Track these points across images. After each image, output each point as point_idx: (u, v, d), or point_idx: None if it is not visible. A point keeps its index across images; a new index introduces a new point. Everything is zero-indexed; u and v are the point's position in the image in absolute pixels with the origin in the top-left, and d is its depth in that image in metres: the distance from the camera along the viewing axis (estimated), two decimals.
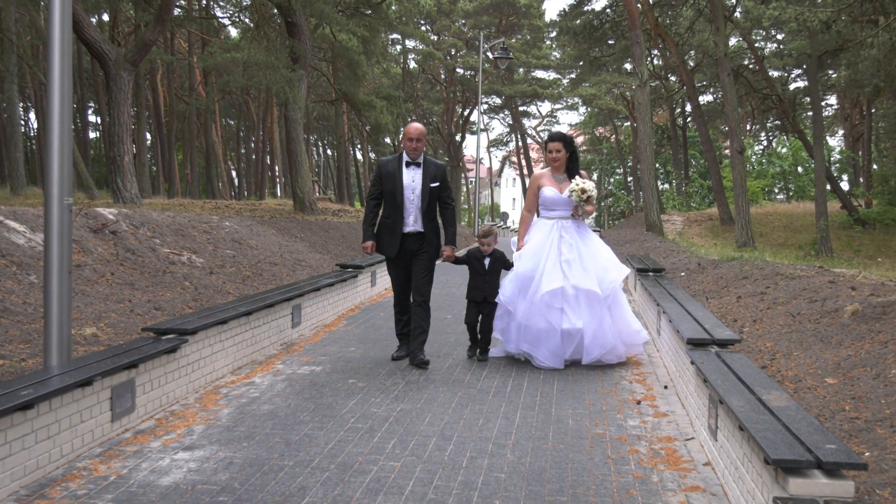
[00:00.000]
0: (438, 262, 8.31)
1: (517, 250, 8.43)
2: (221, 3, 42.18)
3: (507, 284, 8.32)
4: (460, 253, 8.60)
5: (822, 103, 44.37)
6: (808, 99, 38.18)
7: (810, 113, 37.46)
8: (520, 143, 69.62)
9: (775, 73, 44.76)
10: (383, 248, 8.10)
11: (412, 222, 7.99)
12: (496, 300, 8.35)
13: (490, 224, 8.74)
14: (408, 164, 7.96)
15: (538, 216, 8.59)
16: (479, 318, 8.41)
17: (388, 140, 46.83)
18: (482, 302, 8.31)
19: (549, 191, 8.33)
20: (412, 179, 7.95)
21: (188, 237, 12.58)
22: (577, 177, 8.18)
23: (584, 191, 8.02)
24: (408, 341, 8.27)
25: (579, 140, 65.40)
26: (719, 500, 4.66)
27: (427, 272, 8.14)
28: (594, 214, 8.86)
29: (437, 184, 8.03)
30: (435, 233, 8.15)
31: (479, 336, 8.48)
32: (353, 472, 5.03)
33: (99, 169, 47.07)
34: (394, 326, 8.64)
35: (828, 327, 7.54)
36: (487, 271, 8.33)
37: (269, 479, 4.87)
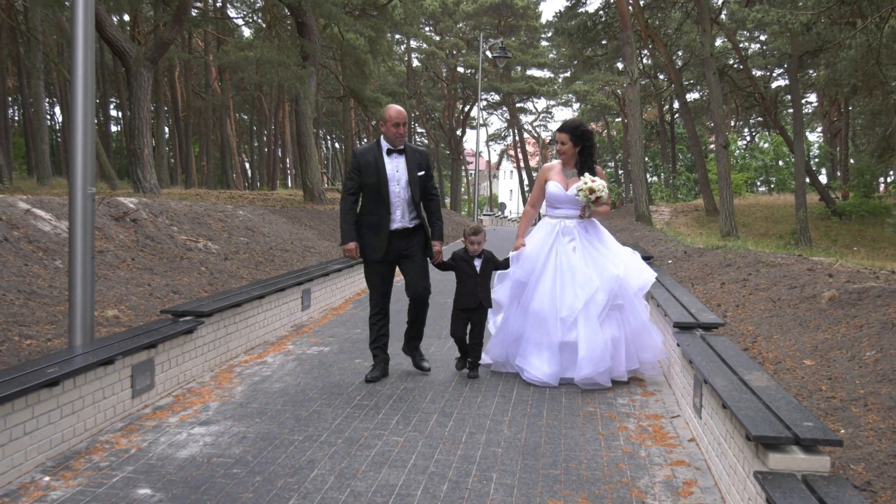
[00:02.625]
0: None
1: (514, 250, 7.14)
2: (236, 4, 42.02)
3: (500, 287, 7.19)
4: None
5: (802, 101, 44.29)
6: (789, 97, 38.12)
7: (791, 110, 37.38)
8: (517, 138, 69.51)
9: (758, 73, 44.61)
10: (367, 249, 6.68)
11: (400, 217, 6.64)
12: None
13: (478, 222, 6.98)
14: (389, 153, 6.61)
15: (545, 213, 7.31)
16: (469, 328, 6.98)
17: None
18: (475, 309, 6.90)
19: (553, 186, 6.97)
20: (396, 169, 6.60)
21: (204, 225, 12.57)
22: (585, 174, 6.83)
23: (592, 191, 6.70)
24: (385, 356, 6.92)
25: None
26: (703, 474, 4.66)
27: (423, 269, 6.83)
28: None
29: (422, 172, 6.73)
30: (424, 232, 6.88)
31: (467, 348, 7.04)
32: (359, 446, 5.04)
33: (120, 160, 47.04)
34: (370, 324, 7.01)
35: (806, 312, 7.54)
36: (479, 274, 6.88)
37: (280, 453, 4.88)
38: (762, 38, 41.69)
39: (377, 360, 6.86)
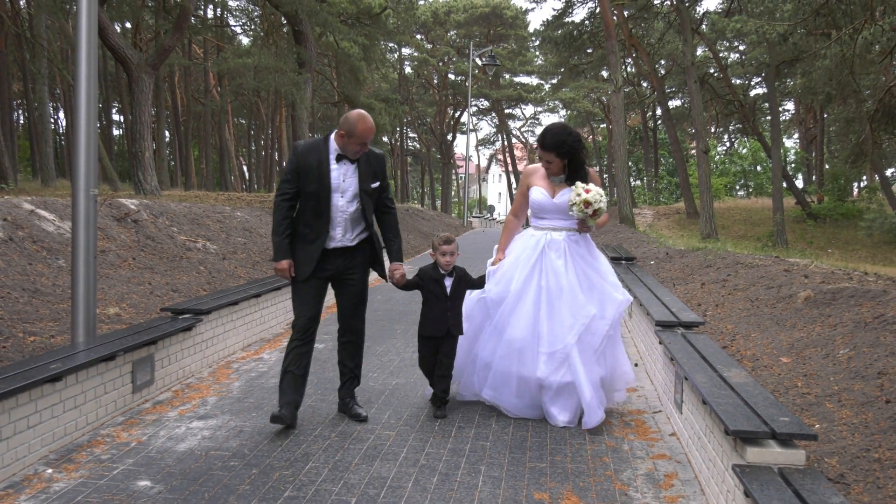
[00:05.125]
0: (373, 284, 5.60)
1: (492, 264, 5.91)
2: (234, 13, 41.95)
3: (475, 306, 5.86)
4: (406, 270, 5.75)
5: (780, 108, 44.47)
6: (767, 104, 38.26)
7: (769, 117, 37.51)
8: (505, 143, 69.58)
9: (737, 81, 44.74)
10: (295, 267, 5.34)
11: (340, 236, 5.31)
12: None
13: (447, 233, 6.53)
14: (339, 159, 5.26)
15: (529, 225, 6.07)
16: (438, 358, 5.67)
17: (385, 139, 46.67)
18: (443, 337, 5.61)
19: (537, 193, 5.76)
20: (342, 178, 5.24)
21: (203, 226, 12.53)
22: (577, 182, 5.56)
23: (587, 203, 5.42)
24: (297, 391, 5.33)
25: None
26: (683, 467, 4.68)
27: (360, 301, 5.52)
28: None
29: (377, 184, 5.36)
30: (372, 247, 5.50)
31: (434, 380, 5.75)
32: (352, 439, 5.03)
33: (122, 163, 46.75)
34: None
35: (783, 311, 7.57)
36: (449, 296, 5.59)
37: (276, 446, 4.87)
38: (741, 47, 41.78)
39: (288, 394, 5.28)
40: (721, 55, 38.74)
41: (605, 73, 40.78)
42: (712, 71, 38.43)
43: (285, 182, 5.29)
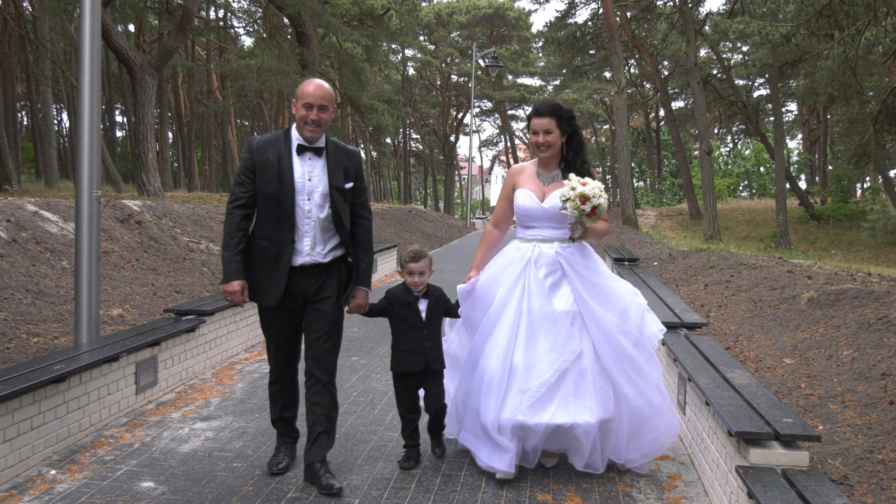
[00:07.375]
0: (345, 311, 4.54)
1: (464, 281, 4.75)
2: (237, 15, 42.00)
3: (455, 337, 4.91)
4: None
5: (783, 109, 44.40)
6: (770, 105, 38.20)
7: (772, 118, 37.44)
8: (508, 144, 69.65)
9: (740, 82, 44.74)
10: (255, 290, 4.36)
11: (309, 248, 4.27)
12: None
13: (417, 246, 4.70)
14: (301, 151, 4.25)
15: (516, 234, 4.78)
16: (422, 400, 4.73)
17: (388, 140, 46.73)
18: (422, 373, 4.60)
19: (523, 196, 4.60)
20: (308, 176, 4.24)
21: (206, 227, 12.54)
22: (571, 175, 4.39)
23: (584, 197, 4.26)
24: (293, 429, 4.70)
25: None
26: (687, 468, 4.67)
27: (332, 331, 4.39)
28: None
29: (350, 184, 4.34)
30: (346, 264, 4.43)
31: (426, 424, 4.85)
32: (356, 441, 5.03)
33: (125, 164, 46.83)
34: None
35: (786, 312, 7.56)
36: (425, 322, 4.59)
37: None
38: (744, 48, 41.76)
39: (281, 441, 4.66)
40: (724, 56, 38.77)
41: (607, 75, 40.77)
42: (715, 72, 38.44)
43: (238, 185, 4.28)
